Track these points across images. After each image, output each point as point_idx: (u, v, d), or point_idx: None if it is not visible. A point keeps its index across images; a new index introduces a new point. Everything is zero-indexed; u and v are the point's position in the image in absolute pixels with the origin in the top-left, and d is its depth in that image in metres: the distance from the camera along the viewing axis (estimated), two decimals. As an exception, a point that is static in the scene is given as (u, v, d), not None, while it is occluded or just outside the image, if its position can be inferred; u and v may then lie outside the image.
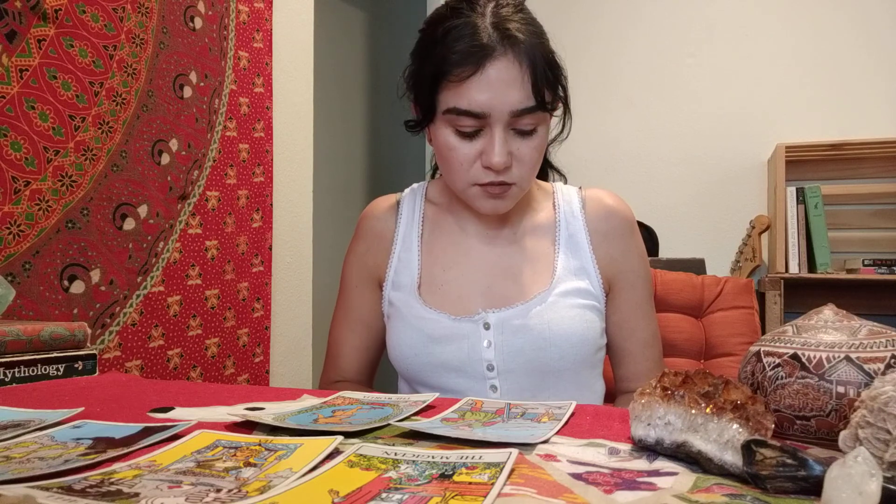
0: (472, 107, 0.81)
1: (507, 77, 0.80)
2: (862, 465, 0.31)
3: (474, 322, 0.87)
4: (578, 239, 0.93)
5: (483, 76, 0.80)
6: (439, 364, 0.88)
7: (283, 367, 1.77)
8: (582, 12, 2.92)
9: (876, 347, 0.46)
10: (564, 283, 0.89)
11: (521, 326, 0.86)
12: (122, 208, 1.30)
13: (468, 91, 0.81)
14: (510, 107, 0.80)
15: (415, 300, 0.91)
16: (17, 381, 0.74)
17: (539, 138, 0.85)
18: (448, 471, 0.39)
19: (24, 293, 1.11)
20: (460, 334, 0.87)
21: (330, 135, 2.74)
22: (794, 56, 2.62)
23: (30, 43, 1.12)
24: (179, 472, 0.39)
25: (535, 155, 0.85)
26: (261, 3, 1.70)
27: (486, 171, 0.84)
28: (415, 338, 0.89)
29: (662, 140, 2.80)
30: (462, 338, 0.87)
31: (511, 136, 0.83)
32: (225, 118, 1.58)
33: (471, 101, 0.81)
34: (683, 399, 0.43)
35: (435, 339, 0.88)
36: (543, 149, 0.87)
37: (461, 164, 0.85)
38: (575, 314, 0.87)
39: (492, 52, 0.80)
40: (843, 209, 2.51)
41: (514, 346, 0.86)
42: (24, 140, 1.12)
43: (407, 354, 0.89)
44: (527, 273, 0.91)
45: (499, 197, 0.86)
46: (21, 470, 0.39)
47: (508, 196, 0.87)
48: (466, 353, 0.87)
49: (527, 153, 0.84)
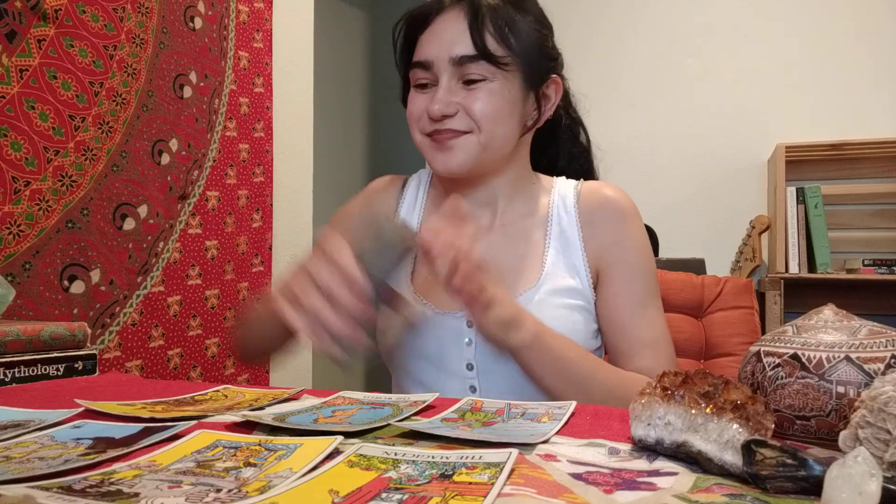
0: (420, 57, 0.85)
1: (452, 27, 0.84)
2: (862, 465, 0.31)
3: (457, 318, 0.85)
4: (570, 234, 0.89)
5: (431, 28, 0.86)
6: (419, 356, 0.87)
7: (283, 367, 1.77)
8: (582, 13, 2.92)
9: (876, 347, 0.46)
10: (552, 281, 0.86)
11: None
12: (122, 208, 1.30)
13: (421, 45, 0.86)
14: (449, 53, 0.83)
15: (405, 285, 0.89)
16: (17, 381, 0.74)
17: (488, 91, 0.83)
18: (448, 471, 0.39)
19: (24, 293, 1.11)
20: (442, 329, 0.86)
21: (330, 135, 2.74)
22: (794, 56, 2.62)
23: (30, 43, 1.12)
24: (179, 472, 0.39)
25: (485, 107, 0.83)
26: (261, 3, 1.70)
27: (431, 121, 0.85)
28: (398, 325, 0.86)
29: (662, 140, 2.80)
30: (444, 333, 0.86)
31: (458, 88, 0.84)
32: (225, 118, 1.57)
33: (420, 52, 0.86)
34: (683, 399, 0.43)
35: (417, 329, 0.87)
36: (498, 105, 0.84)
37: (412, 114, 0.87)
38: (560, 315, 0.84)
39: (442, 7, 0.86)
40: (843, 209, 2.51)
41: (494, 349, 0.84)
42: (24, 140, 1.12)
43: (390, 343, 0.89)
44: (515, 269, 0.88)
45: (445, 148, 0.85)
46: (21, 470, 0.39)
47: (455, 147, 0.84)
48: (447, 350, 0.85)
49: (474, 105, 0.83)
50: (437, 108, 0.82)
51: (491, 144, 0.85)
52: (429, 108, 0.83)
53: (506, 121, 0.85)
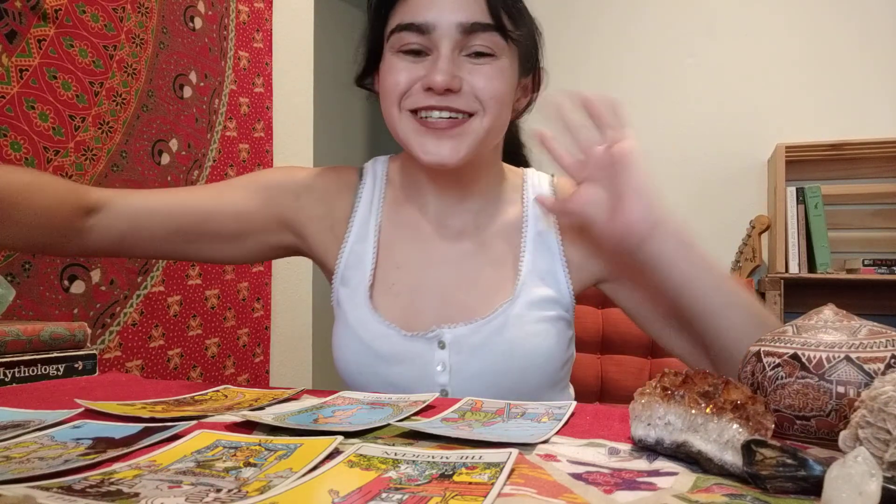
0: (417, 18, 0.70)
1: None
2: (862, 465, 0.31)
3: (428, 340, 0.76)
4: (547, 238, 0.80)
5: None
6: (387, 384, 0.76)
7: (283, 367, 1.77)
8: (582, 12, 2.92)
9: (876, 347, 0.46)
10: (529, 292, 0.77)
11: (479, 346, 0.75)
12: (122, 208, 1.30)
13: (413, 4, 0.71)
14: (458, 19, 0.69)
15: (364, 306, 0.78)
16: (17, 381, 0.74)
17: (498, 69, 0.71)
18: (448, 471, 0.39)
19: (24, 293, 1.11)
20: (411, 354, 0.76)
21: (330, 135, 2.74)
22: (794, 56, 2.62)
23: (30, 43, 1.12)
24: (179, 472, 0.39)
25: (495, 86, 0.71)
26: (261, 3, 1.70)
27: (428, 94, 0.70)
28: (361, 353, 0.77)
29: (662, 140, 2.80)
30: (413, 358, 0.76)
31: (462, 61, 0.71)
32: (225, 118, 1.58)
33: (416, 13, 0.70)
34: (683, 399, 0.43)
35: (383, 357, 0.76)
36: (507, 86, 0.73)
37: (396, 85, 0.71)
38: (541, 330, 0.76)
39: None
40: (843, 209, 2.51)
41: (470, 370, 0.75)
42: (24, 140, 1.12)
43: (352, 371, 0.78)
44: (489, 278, 0.79)
45: (442, 135, 0.71)
46: (21, 470, 0.39)
47: (455, 136, 0.71)
48: (417, 376, 0.76)
49: (482, 82, 0.70)
50: (440, 78, 0.68)
51: (492, 131, 0.74)
52: (429, 79, 0.69)
53: (507, 106, 0.75)
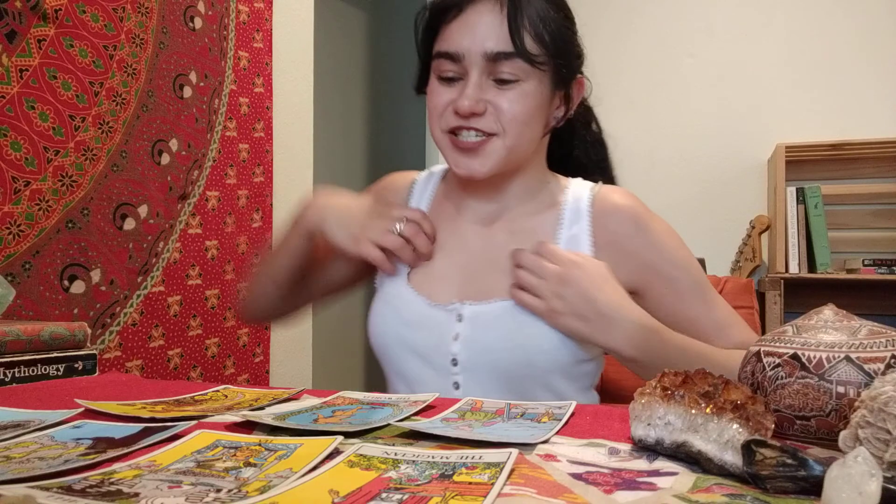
0: (449, 47, 0.80)
1: (487, 19, 0.78)
2: (862, 465, 0.31)
3: (448, 311, 0.83)
4: (581, 241, 0.86)
5: (463, 17, 0.79)
6: (407, 348, 0.85)
7: (283, 367, 1.77)
8: (582, 12, 2.91)
9: (876, 347, 0.46)
10: None
11: (491, 322, 0.81)
12: (122, 208, 1.30)
13: (450, 34, 0.80)
14: (484, 48, 0.78)
15: (402, 279, 0.88)
16: (17, 381, 0.74)
17: (521, 93, 0.79)
18: (448, 471, 0.39)
19: (24, 293, 1.11)
20: (432, 322, 0.84)
21: (330, 135, 2.74)
22: (794, 56, 2.62)
23: (30, 43, 1.12)
24: (179, 472, 0.39)
25: (516, 109, 0.79)
26: (261, 3, 1.70)
27: (457, 116, 0.80)
28: (388, 316, 0.87)
29: (662, 140, 2.80)
30: (433, 326, 0.83)
31: (489, 85, 0.80)
32: (225, 118, 1.57)
33: (449, 42, 0.80)
34: (683, 399, 0.43)
35: (406, 321, 0.85)
36: (530, 108, 0.81)
37: (435, 107, 0.82)
38: None
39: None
40: (843, 209, 2.51)
41: (481, 343, 0.81)
42: (24, 140, 1.12)
43: (378, 332, 0.87)
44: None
45: (470, 152, 0.81)
46: (21, 470, 0.39)
47: (481, 153, 0.81)
48: (434, 343, 0.83)
49: (505, 105, 0.79)
50: (466, 104, 0.78)
51: (516, 148, 0.82)
52: (457, 104, 0.79)
53: (534, 123, 0.83)
